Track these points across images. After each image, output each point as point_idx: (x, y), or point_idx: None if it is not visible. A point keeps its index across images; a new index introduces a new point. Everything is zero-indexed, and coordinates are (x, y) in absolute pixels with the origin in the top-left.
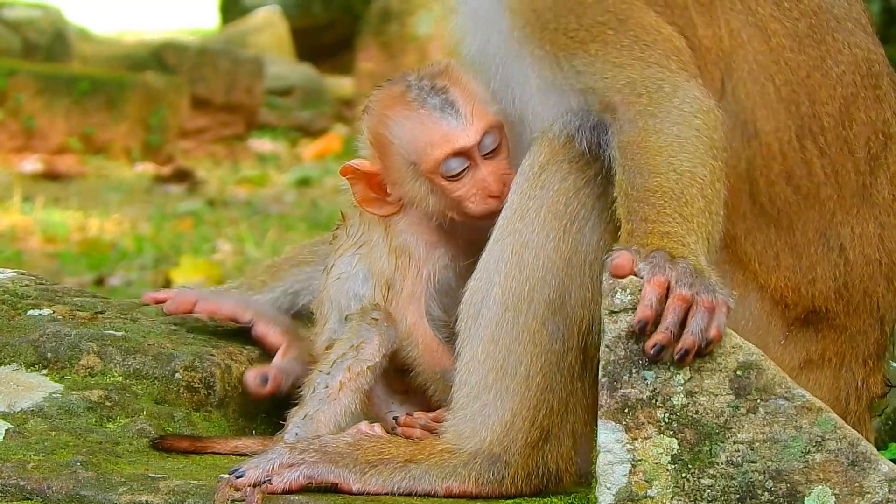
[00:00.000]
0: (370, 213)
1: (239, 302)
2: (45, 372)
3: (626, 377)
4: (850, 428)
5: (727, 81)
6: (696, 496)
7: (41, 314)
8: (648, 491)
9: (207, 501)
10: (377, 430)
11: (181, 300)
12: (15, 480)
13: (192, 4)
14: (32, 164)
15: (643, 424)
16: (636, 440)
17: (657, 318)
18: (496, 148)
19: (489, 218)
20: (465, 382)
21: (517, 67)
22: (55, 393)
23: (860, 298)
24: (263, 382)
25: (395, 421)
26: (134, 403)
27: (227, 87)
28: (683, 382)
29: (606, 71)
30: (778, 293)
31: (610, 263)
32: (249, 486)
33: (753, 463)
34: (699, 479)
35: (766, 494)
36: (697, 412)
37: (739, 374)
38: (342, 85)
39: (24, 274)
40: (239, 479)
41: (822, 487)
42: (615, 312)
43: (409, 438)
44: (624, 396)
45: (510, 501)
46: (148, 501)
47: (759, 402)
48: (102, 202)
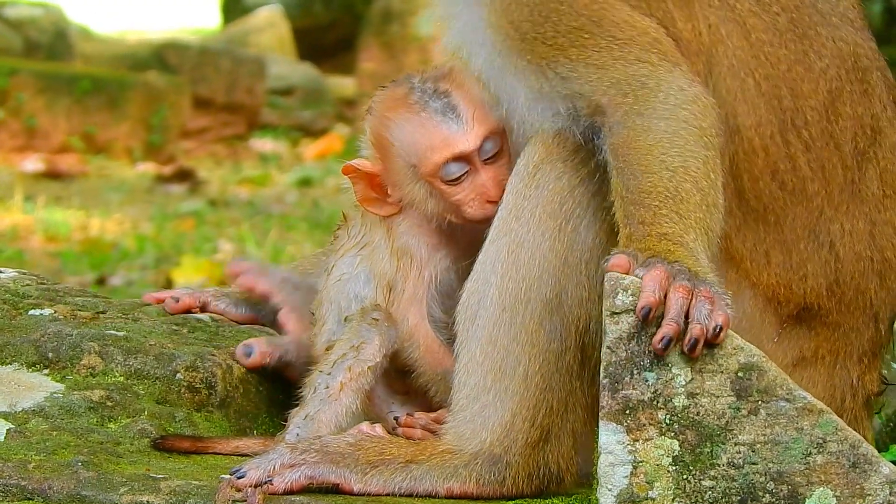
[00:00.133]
0: (370, 212)
1: (275, 283)
2: (46, 372)
3: (627, 378)
4: (851, 430)
5: (708, 78)
6: (697, 498)
7: (42, 314)
8: (650, 492)
9: (209, 502)
10: (378, 430)
11: (186, 297)
12: (16, 480)
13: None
14: (34, 163)
15: (644, 426)
16: (637, 441)
17: (660, 305)
18: (497, 153)
19: (487, 223)
20: (464, 384)
21: (505, 80)
22: (56, 393)
23: (852, 295)
24: (247, 354)
25: (395, 421)
26: (135, 403)
27: (228, 86)
28: (684, 384)
29: (590, 74)
30: (770, 290)
31: (607, 267)
32: (251, 486)
33: (754, 464)
34: (700, 480)
35: (767, 496)
36: (699, 414)
37: (741, 375)
38: (344, 85)
39: (25, 273)
40: (240, 479)
41: (823, 489)
42: (616, 313)
43: (410, 439)
44: (625, 398)
45: (511, 502)
46: (149, 502)
47: (760, 403)
48: (104, 202)
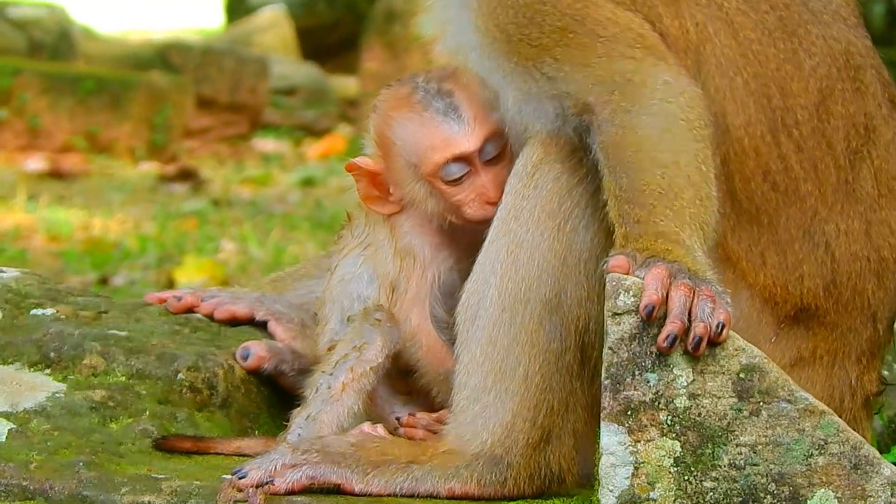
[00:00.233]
0: (373, 210)
1: (253, 301)
2: (48, 371)
3: (628, 379)
4: (852, 431)
5: (697, 76)
6: (698, 499)
7: (44, 314)
8: (651, 493)
9: (210, 502)
10: (380, 430)
11: (187, 298)
12: (17, 480)
13: (197, 4)
14: (37, 162)
15: (646, 427)
16: (639, 442)
17: (663, 304)
18: (498, 155)
19: (488, 223)
20: (464, 385)
21: (495, 83)
22: (58, 393)
23: (850, 295)
24: (244, 357)
25: (397, 421)
26: (137, 403)
27: (231, 86)
28: (686, 385)
29: (575, 73)
30: (766, 291)
31: (606, 269)
32: (252, 486)
33: (756, 466)
34: (702, 481)
35: (768, 497)
36: (700, 415)
37: (742, 376)
38: (347, 85)
39: (27, 273)
40: (241, 479)
41: (824, 491)
42: (618, 314)
43: (411, 439)
44: (627, 399)
45: (512, 503)
46: (150, 502)
47: (761, 404)
48: (106, 201)
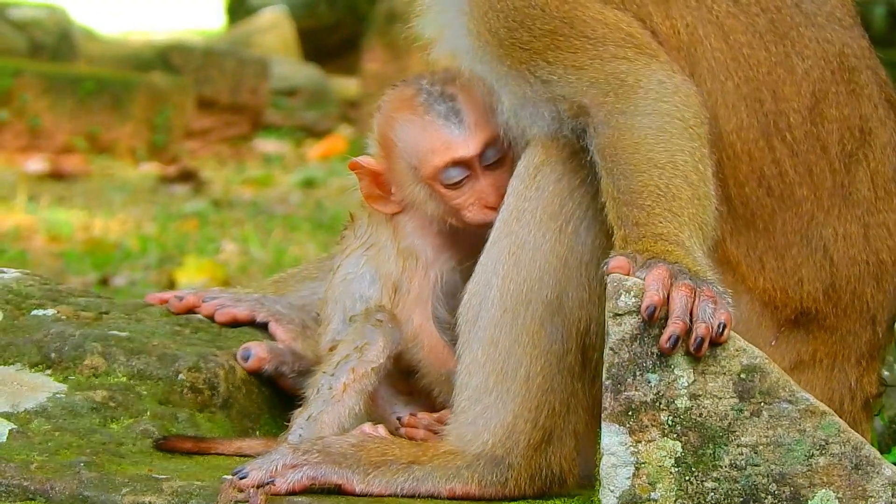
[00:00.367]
0: (375, 209)
1: (254, 303)
2: (48, 372)
3: (629, 380)
4: (853, 432)
5: (690, 77)
6: (699, 499)
7: (45, 314)
8: (652, 494)
9: (211, 502)
10: (380, 431)
11: (188, 298)
12: (18, 481)
13: (198, 5)
14: (37, 163)
15: (647, 427)
16: (640, 443)
17: (664, 305)
18: (498, 160)
19: (487, 227)
20: (466, 385)
21: (490, 87)
22: (59, 393)
23: (849, 299)
24: (245, 358)
25: (398, 421)
26: (138, 404)
27: (232, 87)
28: (687, 385)
29: (568, 76)
30: (766, 295)
31: (607, 270)
32: (253, 487)
33: (757, 466)
34: (703, 482)
35: (769, 498)
36: (701, 415)
37: (743, 377)
38: (348, 86)
39: (28, 274)
40: (242, 480)
41: (825, 491)
42: (619, 315)
43: (412, 439)
44: (628, 399)
45: (513, 503)
46: (151, 502)
47: (762, 405)
48: (107, 202)
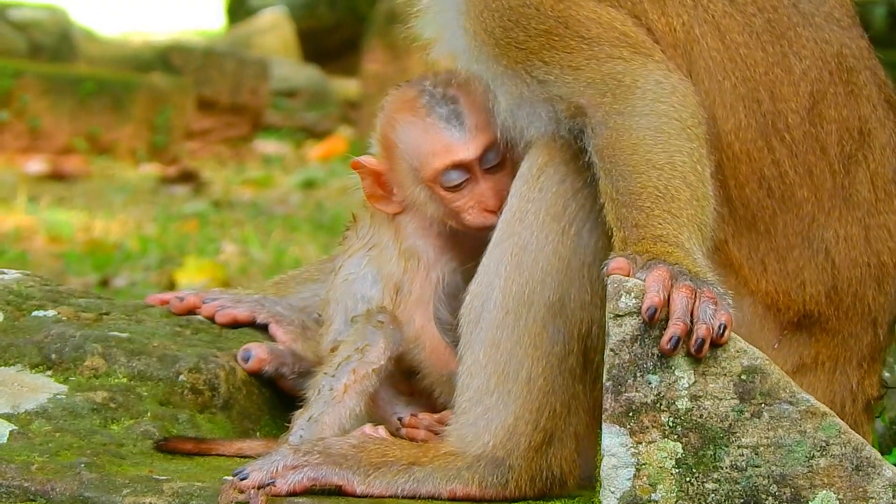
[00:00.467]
0: (377, 209)
1: (254, 304)
2: (49, 373)
3: (630, 381)
4: (854, 433)
5: (687, 76)
6: (700, 500)
7: (46, 315)
8: (652, 495)
9: (211, 503)
10: (381, 432)
11: (189, 299)
12: (19, 482)
13: (198, 6)
14: (38, 164)
15: (647, 428)
16: (640, 444)
17: (665, 306)
18: (499, 164)
19: (487, 230)
20: (467, 386)
21: (487, 88)
22: (59, 394)
23: (851, 301)
24: (245, 359)
25: (399, 421)
26: (138, 405)
27: (232, 88)
28: (688, 386)
29: (565, 76)
30: (769, 298)
31: (607, 271)
32: (253, 488)
33: (758, 467)
34: (703, 483)
35: (770, 499)
36: (702, 416)
37: (744, 378)
38: (348, 86)
39: (28, 275)
40: (243, 480)
41: (826, 492)
42: (619, 316)
43: (413, 439)
44: (628, 400)
45: None
46: (152, 503)
47: (763, 406)
48: (107, 203)
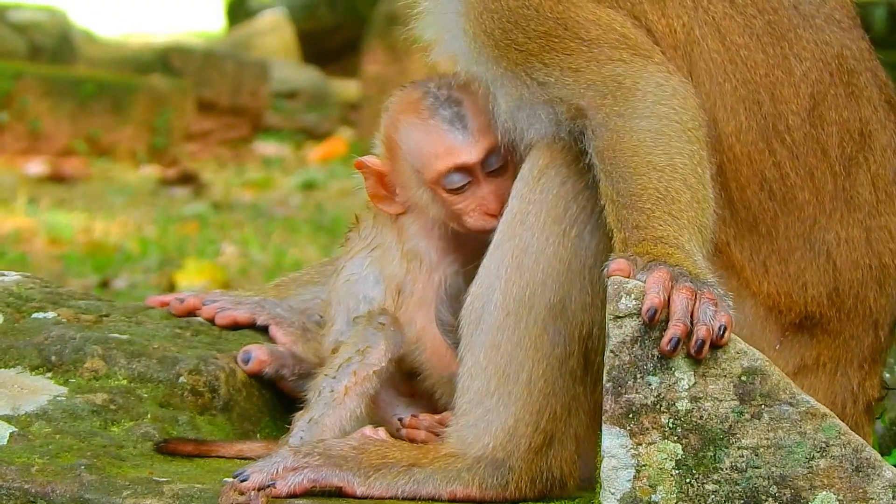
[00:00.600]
0: (379, 209)
1: (254, 306)
2: (49, 375)
3: (630, 382)
4: (854, 434)
5: (688, 78)
6: (700, 502)
7: (46, 317)
8: (653, 496)
9: None
10: (381, 434)
11: (189, 300)
12: (19, 484)
13: (197, 7)
14: (38, 166)
15: (648, 430)
16: (640, 445)
17: (665, 307)
18: (501, 167)
19: (487, 234)
20: (467, 388)
21: (487, 90)
22: (59, 396)
23: (852, 303)
24: (245, 361)
25: (400, 422)
26: (138, 407)
27: (232, 89)
28: (688, 388)
29: (566, 78)
30: (770, 299)
31: (607, 272)
32: (254, 489)
33: (758, 468)
34: (703, 484)
35: (770, 500)
36: (702, 417)
37: (744, 379)
38: (348, 88)
39: (28, 277)
40: (243, 482)
41: (826, 493)
42: (619, 317)
43: (413, 440)
44: (628, 402)
45: None
46: None
47: (763, 407)
48: (107, 205)
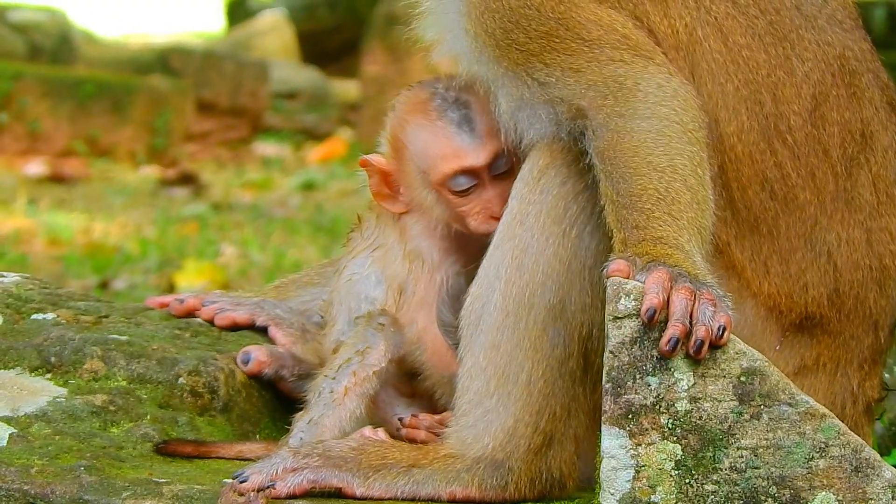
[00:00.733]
0: (382, 207)
1: (253, 307)
2: (48, 376)
3: (629, 383)
4: (853, 434)
5: (690, 79)
6: (699, 502)
7: (45, 318)
8: (652, 497)
9: None
10: (380, 434)
11: (189, 301)
12: (18, 485)
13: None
14: (37, 167)
15: (647, 430)
16: (640, 446)
17: (664, 308)
18: (508, 171)
19: (489, 236)
20: (467, 389)
21: (489, 90)
22: (59, 397)
23: (852, 304)
24: (245, 362)
25: (400, 422)
26: (138, 408)
27: (232, 90)
28: (687, 388)
29: (566, 78)
30: (771, 300)
31: (606, 273)
32: (253, 490)
33: (757, 469)
34: (703, 485)
35: (769, 501)
36: (701, 418)
37: (743, 379)
38: (347, 89)
39: (28, 278)
40: (243, 483)
41: (825, 493)
42: (619, 318)
43: (413, 439)
44: (628, 402)
45: None
46: None
47: (762, 408)
48: (107, 205)
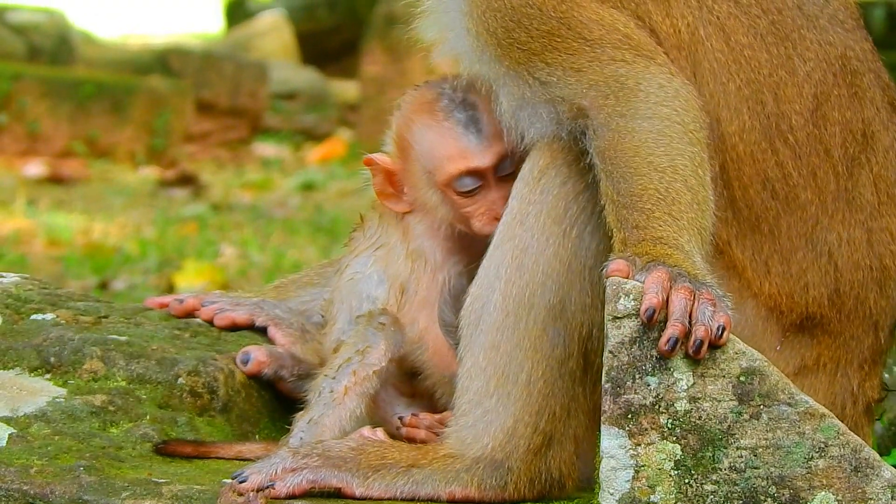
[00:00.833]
0: (386, 206)
1: (253, 307)
2: (48, 376)
3: (629, 383)
4: (853, 434)
5: (691, 79)
6: (699, 502)
7: (45, 318)
8: (652, 497)
9: None
10: (380, 434)
11: (188, 301)
12: (18, 485)
13: (197, 8)
14: (36, 167)
15: (646, 430)
16: (639, 446)
17: (663, 308)
18: (513, 172)
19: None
20: (467, 389)
21: (490, 89)
22: (58, 397)
23: (853, 304)
24: (244, 362)
25: (400, 421)
26: (137, 408)
27: (231, 91)
28: (686, 388)
29: (568, 78)
30: (772, 300)
31: (606, 273)
32: (253, 490)
33: (756, 469)
34: (702, 484)
35: (769, 500)
36: (700, 418)
37: (742, 379)
38: (347, 89)
39: (27, 278)
40: (242, 483)
41: (825, 493)
42: (618, 318)
43: (413, 439)
44: (627, 402)
45: None
46: None
47: (762, 407)
48: (106, 206)
